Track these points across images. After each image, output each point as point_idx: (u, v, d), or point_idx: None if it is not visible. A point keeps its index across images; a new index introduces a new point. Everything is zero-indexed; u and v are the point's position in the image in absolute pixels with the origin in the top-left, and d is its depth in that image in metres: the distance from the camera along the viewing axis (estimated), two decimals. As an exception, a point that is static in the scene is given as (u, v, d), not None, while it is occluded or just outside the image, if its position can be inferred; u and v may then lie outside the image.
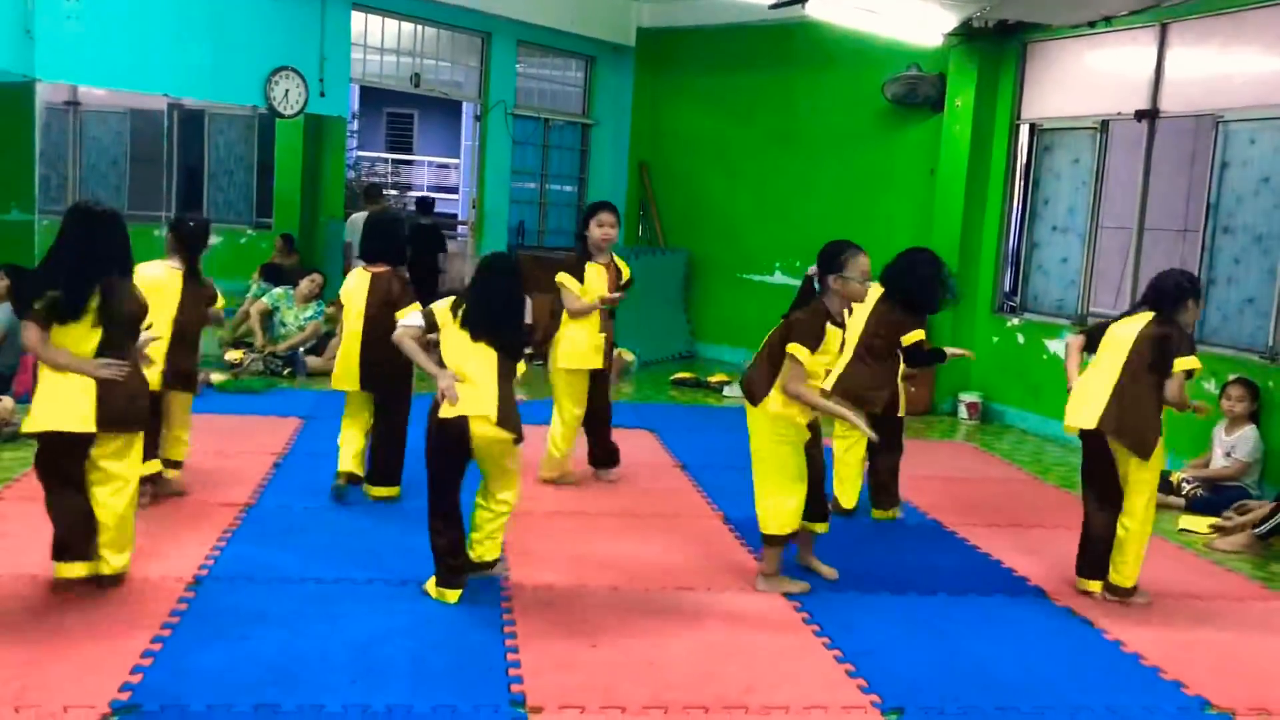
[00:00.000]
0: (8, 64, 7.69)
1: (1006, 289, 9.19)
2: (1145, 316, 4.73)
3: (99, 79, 8.76)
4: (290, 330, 9.09)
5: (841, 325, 4.53)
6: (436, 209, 12.59)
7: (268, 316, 9.15)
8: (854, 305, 4.72)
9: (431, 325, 4.31)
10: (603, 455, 6.28)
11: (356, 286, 5.42)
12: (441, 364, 4.24)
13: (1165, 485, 6.38)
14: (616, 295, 5.97)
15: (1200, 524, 6.04)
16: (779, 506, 4.54)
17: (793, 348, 4.33)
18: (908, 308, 5.51)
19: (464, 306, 4.25)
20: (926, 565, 5.14)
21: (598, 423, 6.21)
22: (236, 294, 9.31)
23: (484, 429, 4.12)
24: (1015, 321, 8.96)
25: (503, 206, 11.33)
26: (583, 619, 4.19)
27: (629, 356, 9.94)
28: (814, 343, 4.36)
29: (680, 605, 4.42)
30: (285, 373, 8.80)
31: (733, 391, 9.34)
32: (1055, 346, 8.56)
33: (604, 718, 3.43)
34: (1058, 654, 4.19)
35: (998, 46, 8.87)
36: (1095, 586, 4.80)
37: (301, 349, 8.96)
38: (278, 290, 9.25)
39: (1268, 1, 7.07)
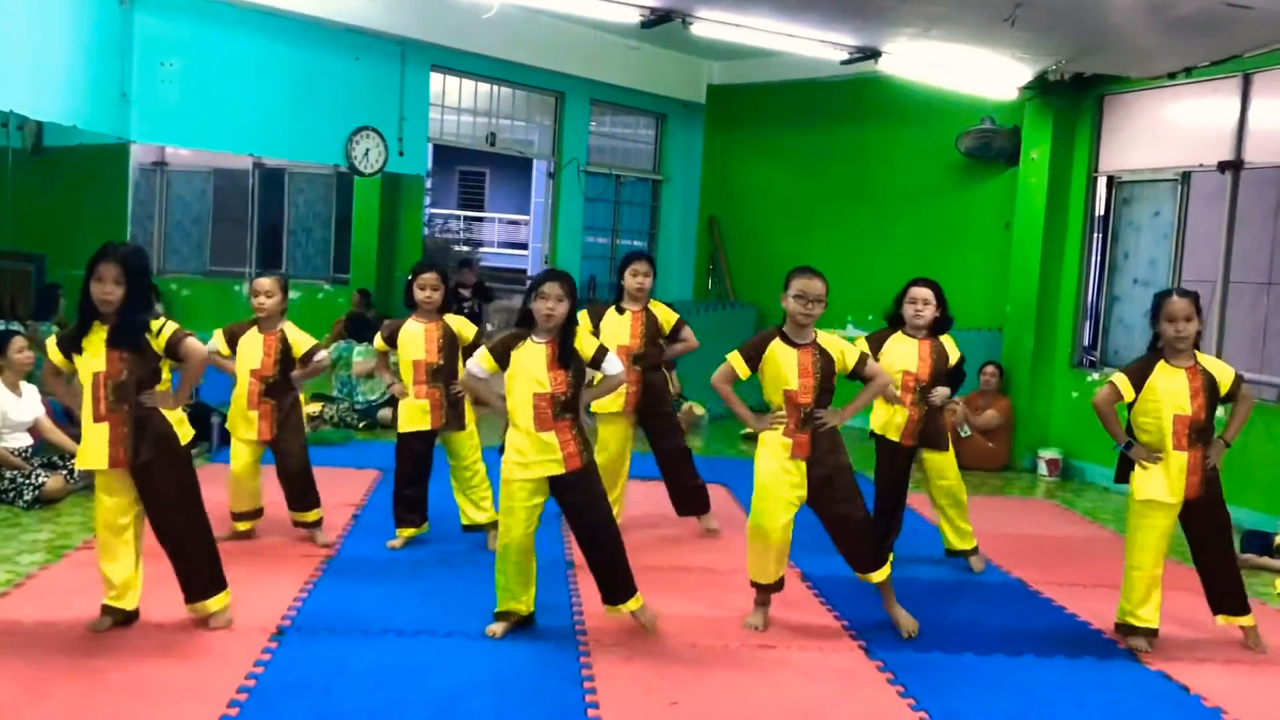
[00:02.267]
0: (105, 127, 8.00)
1: (1086, 343, 9.03)
2: None
3: (189, 140, 9.09)
4: (377, 381, 9.19)
5: (796, 347, 4.53)
6: (507, 264, 12.78)
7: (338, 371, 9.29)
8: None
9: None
10: (681, 499, 6.26)
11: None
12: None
13: (1265, 546, 6.19)
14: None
15: (1299, 586, 5.82)
16: (747, 552, 4.73)
17: (732, 354, 4.60)
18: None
19: None
20: (1011, 625, 5.01)
21: (667, 465, 6.21)
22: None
23: None
24: (1095, 376, 8.78)
25: (575, 262, 11.46)
26: (662, 675, 4.14)
27: (700, 411, 9.91)
28: (747, 358, 4.56)
29: (761, 662, 4.35)
30: (361, 425, 8.92)
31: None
32: (1138, 402, 8.35)
33: (687, 777, 3.38)
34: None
35: (1074, 99, 8.80)
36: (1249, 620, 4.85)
37: (377, 400, 9.08)
38: (360, 347, 9.35)
39: (1355, 51, 6.95)
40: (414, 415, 5.52)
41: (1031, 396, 8.97)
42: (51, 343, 4.09)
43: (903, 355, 5.60)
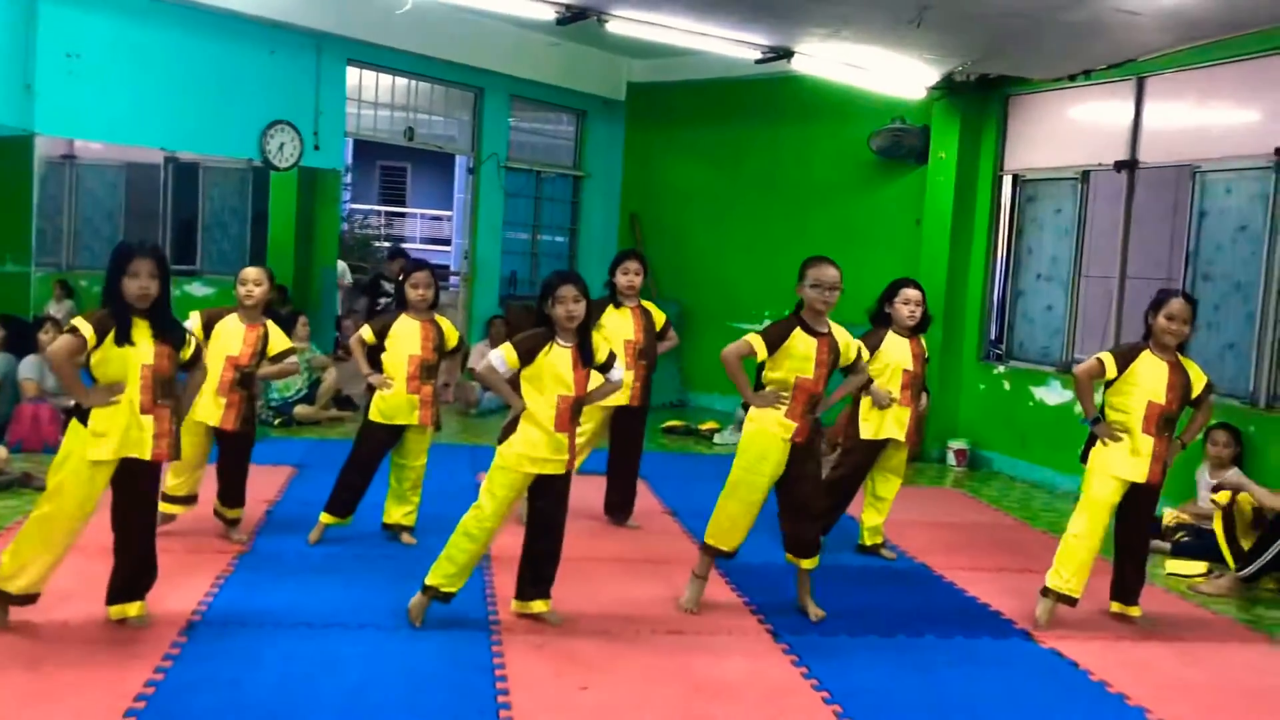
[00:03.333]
0: (7, 118, 7.81)
1: (992, 337, 9.31)
2: None
3: (97, 133, 8.91)
4: (296, 379, 9.11)
5: (815, 335, 4.72)
6: (431, 261, 12.77)
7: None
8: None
9: None
10: (620, 501, 6.38)
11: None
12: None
13: (1155, 528, 6.45)
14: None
15: (1185, 567, 6.09)
16: (714, 516, 4.85)
17: (751, 335, 4.74)
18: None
19: None
20: (914, 608, 5.18)
21: (624, 463, 6.34)
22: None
23: None
24: (1001, 369, 9.07)
25: (495, 257, 11.48)
26: (573, 662, 4.22)
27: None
28: (769, 341, 4.71)
29: (670, 648, 4.45)
30: (276, 423, 8.85)
31: (723, 439, 9.40)
32: (1041, 394, 8.66)
33: (594, 759, 3.45)
34: (1044, 695, 4.22)
35: (980, 100, 9.07)
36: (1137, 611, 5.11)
37: (292, 397, 9.01)
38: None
39: (1239, 57, 7.27)
40: (401, 409, 5.47)
41: (941, 389, 9.21)
42: (84, 322, 4.00)
43: (900, 354, 5.79)
